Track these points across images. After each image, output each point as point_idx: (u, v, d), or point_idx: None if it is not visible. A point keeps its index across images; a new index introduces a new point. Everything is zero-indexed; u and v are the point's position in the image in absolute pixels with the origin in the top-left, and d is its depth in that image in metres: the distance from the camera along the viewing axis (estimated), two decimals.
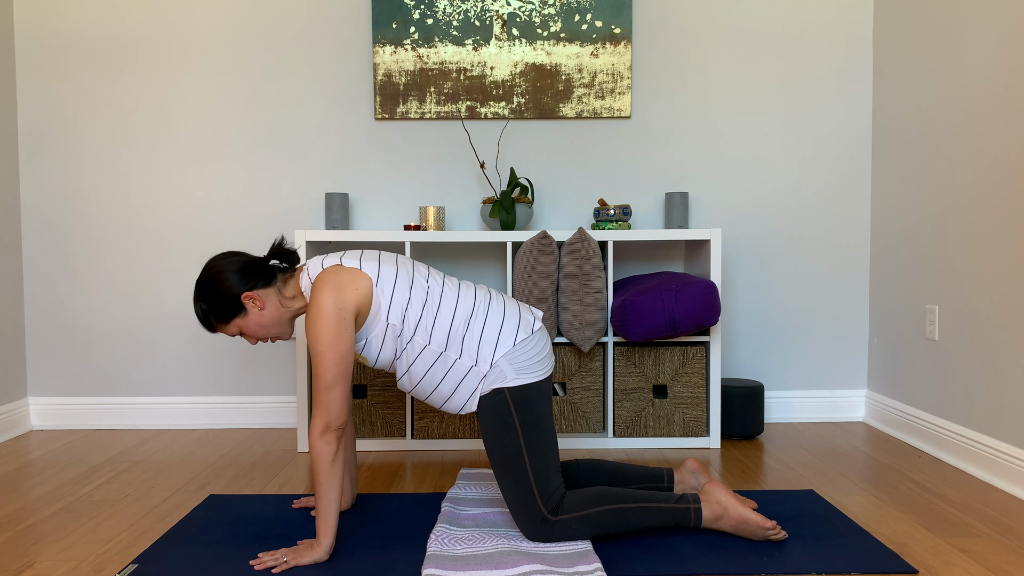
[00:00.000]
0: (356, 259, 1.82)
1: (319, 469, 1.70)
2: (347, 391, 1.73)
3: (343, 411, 1.72)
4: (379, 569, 1.68)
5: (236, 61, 3.05)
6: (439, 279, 1.88)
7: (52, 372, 3.09)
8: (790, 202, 3.10)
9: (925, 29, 2.70)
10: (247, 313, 1.82)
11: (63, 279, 3.08)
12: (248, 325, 1.83)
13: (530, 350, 1.83)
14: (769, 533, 1.79)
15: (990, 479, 2.31)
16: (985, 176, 2.36)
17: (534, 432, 1.79)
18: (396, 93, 3.03)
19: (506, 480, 1.79)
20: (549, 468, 1.78)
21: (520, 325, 1.85)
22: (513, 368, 1.80)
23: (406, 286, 1.81)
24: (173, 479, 2.38)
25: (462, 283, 1.90)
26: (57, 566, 1.72)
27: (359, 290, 1.76)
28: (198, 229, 3.08)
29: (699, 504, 1.80)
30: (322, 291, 1.73)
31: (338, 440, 1.71)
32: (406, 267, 1.86)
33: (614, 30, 3.03)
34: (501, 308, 1.86)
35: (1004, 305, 2.28)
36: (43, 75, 3.04)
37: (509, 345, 1.81)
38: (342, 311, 1.72)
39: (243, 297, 1.80)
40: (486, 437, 1.82)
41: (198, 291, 1.82)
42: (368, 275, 1.79)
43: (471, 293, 1.87)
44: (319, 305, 1.72)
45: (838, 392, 3.14)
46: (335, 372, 1.71)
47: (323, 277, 1.77)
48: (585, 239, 2.63)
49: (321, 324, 1.71)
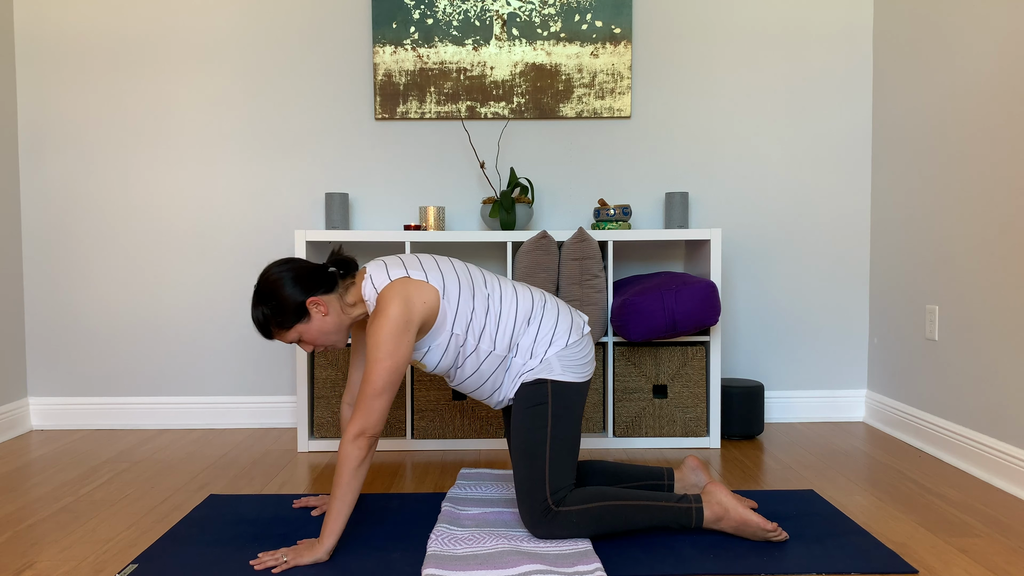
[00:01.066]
0: (420, 270, 1.83)
1: (343, 471, 1.70)
2: (390, 402, 1.74)
3: (382, 420, 1.73)
4: (379, 569, 1.68)
5: (236, 61, 3.05)
6: (496, 284, 1.92)
7: (52, 372, 3.09)
8: (790, 202, 3.10)
9: (925, 30, 2.70)
10: (310, 319, 1.82)
11: (63, 279, 3.08)
12: (310, 331, 1.83)
13: (579, 352, 1.89)
14: (770, 535, 1.79)
15: (990, 479, 2.31)
16: (985, 176, 2.36)
17: (562, 426, 1.83)
18: (396, 93, 3.03)
19: (522, 464, 1.81)
20: (565, 464, 1.81)
21: (572, 327, 1.90)
22: (561, 364, 1.85)
23: (469, 296, 1.85)
24: (173, 479, 2.38)
25: (516, 285, 1.94)
26: (57, 566, 1.72)
27: (427, 303, 1.78)
28: (198, 229, 3.08)
29: (700, 504, 1.80)
30: (391, 302, 1.74)
31: (369, 448, 1.71)
32: (467, 276, 1.88)
33: (614, 30, 3.03)
34: (555, 310, 1.92)
35: (1004, 305, 2.28)
36: (43, 75, 3.04)
37: (562, 345, 1.87)
38: (408, 324, 1.74)
39: (308, 302, 1.80)
40: (515, 419, 1.85)
41: (259, 296, 1.81)
42: (435, 287, 1.80)
43: (528, 294, 1.92)
44: (387, 314, 1.73)
45: (838, 392, 3.14)
46: (386, 382, 1.72)
47: (392, 288, 1.77)
48: (585, 239, 2.63)
49: (385, 333, 1.72)
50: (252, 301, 1.83)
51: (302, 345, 1.87)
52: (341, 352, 2.70)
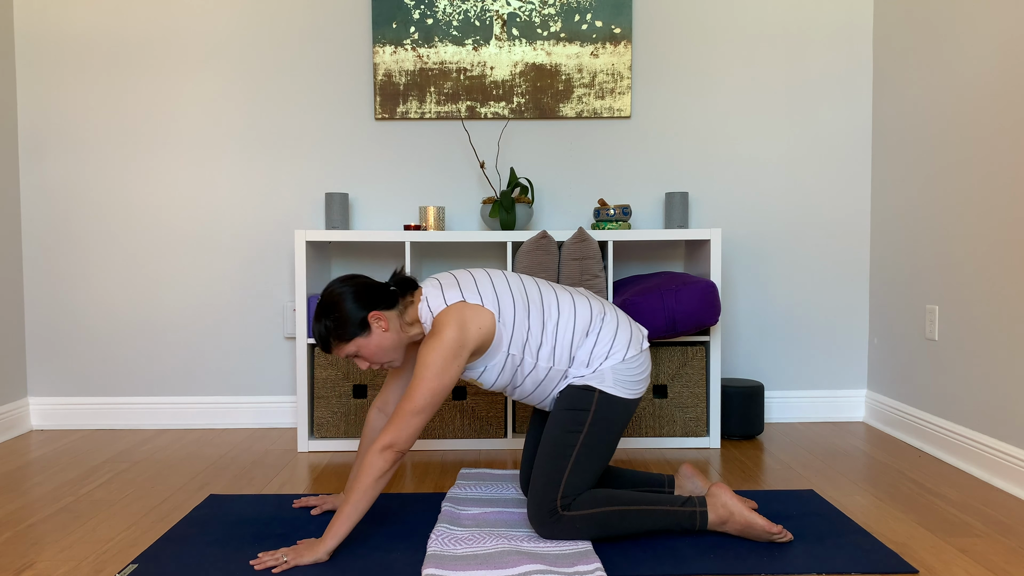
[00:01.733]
0: (476, 293, 1.83)
1: (362, 478, 1.70)
2: (426, 422, 1.75)
3: (413, 438, 1.73)
4: (379, 569, 1.68)
5: (236, 61, 3.05)
6: (553, 298, 1.90)
7: (52, 372, 3.09)
8: (790, 202, 3.10)
9: (925, 30, 2.70)
10: (370, 333, 1.82)
11: (63, 279, 3.08)
12: (368, 346, 1.82)
13: (635, 368, 1.87)
14: (775, 537, 1.79)
15: (990, 479, 2.31)
16: (985, 176, 2.36)
17: (596, 438, 1.82)
18: (396, 93, 3.03)
19: (545, 460, 1.81)
20: (586, 474, 1.81)
21: (631, 341, 1.89)
22: (614, 377, 1.85)
23: (525, 315, 1.85)
24: (173, 479, 2.38)
25: (575, 294, 1.93)
26: (57, 566, 1.72)
27: (482, 328, 1.79)
28: (198, 228, 3.08)
29: (704, 507, 1.80)
30: (448, 324, 1.75)
31: (394, 462, 1.71)
32: (522, 295, 1.88)
33: (614, 30, 3.03)
34: (615, 322, 1.90)
35: (1004, 305, 2.28)
36: (43, 76, 3.04)
37: (619, 359, 1.86)
38: (461, 349, 1.75)
39: (370, 316, 1.80)
40: (553, 417, 1.85)
41: (321, 310, 1.82)
42: (491, 311, 1.81)
43: (587, 305, 1.90)
44: (442, 337, 1.74)
45: (838, 392, 3.13)
46: (427, 401, 1.72)
47: (448, 312, 1.78)
48: (585, 239, 2.63)
49: (436, 353, 1.73)
50: (314, 315, 1.84)
51: (359, 361, 1.86)
52: None
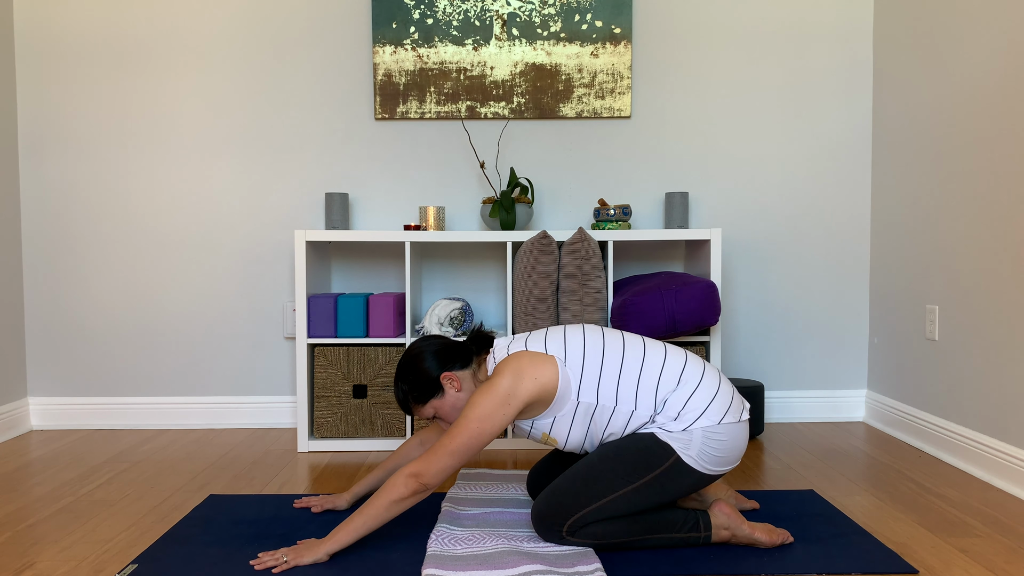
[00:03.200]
0: (541, 341, 1.81)
1: (381, 497, 1.69)
2: (461, 465, 1.72)
3: (441, 476, 1.70)
4: (379, 569, 1.68)
5: (236, 61, 3.05)
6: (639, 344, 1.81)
7: (52, 372, 3.09)
8: (790, 202, 3.10)
9: (925, 29, 2.70)
10: (444, 394, 1.82)
11: (63, 279, 3.08)
12: (444, 407, 1.82)
13: (729, 439, 1.75)
14: (777, 543, 1.79)
15: (990, 479, 2.31)
16: (985, 176, 2.36)
17: (647, 494, 1.73)
18: (396, 93, 3.03)
19: (579, 482, 1.74)
20: (611, 513, 1.74)
21: (731, 407, 1.77)
22: (702, 447, 1.73)
23: (596, 361, 1.77)
24: (173, 479, 2.38)
25: (671, 346, 1.85)
26: (57, 566, 1.72)
27: (539, 379, 1.73)
28: (198, 229, 3.08)
29: (709, 531, 1.77)
30: (502, 373, 1.73)
31: (415, 492, 1.69)
32: (594, 338, 1.81)
33: (614, 30, 3.03)
34: (715, 383, 1.79)
35: (1004, 305, 2.28)
36: (43, 76, 3.04)
37: (714, 421, 1.73)
38: (511, 397, 1.71)
39: (442, 378, 1.81)
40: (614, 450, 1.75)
41: (399, 373, 1.84)
42: (553, 356, 1.76)
43: (681, 357, 1.81)
44: (493, 384, 1.72)
45: (838, 392, 3.13)
46: (465, 443, 1.69)
47: (507, 361, 1.76)
48: (585, 239, 2.63)
49: (484, 397, 1.71)
50: (395, 377, 1.86)
51: (440, 423, 1.86)
52: (340, 352, 2.70)
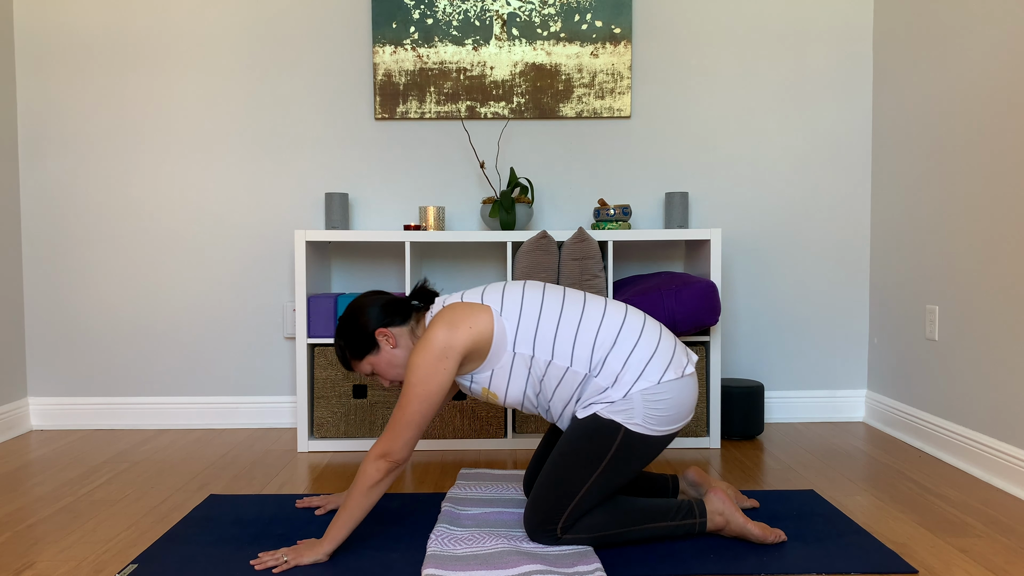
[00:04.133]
0: (478, 293, 1.78)
1: (357, 486, 1.69)
2: (420, 432, 1.69)
3: (407, 449, 1.68)
4: (379, 569, 1.68)
5: (236, 61, 3.05)
6: (578, 297, 1.79)
7: (52, 372, 3.09)
8: (790, 202, 3.10)
9: (925, 29, 2.70)
10: (380, 350, 1.81)
11: (63, 279, 3.08)
12: (380, 363, 1.82)
13: (673, 396, 1.70)
14: (770, 542, 1.79)
15: (990, 479, 2.31)
16: (985, 176, 2.36)
17: (612, 475, 1.72)
18: (396, 93, 3.03)
19: (551, 489, 1.73)
20: (593, 502, 1.73)
21: (672, 364, 1.72)
22: (644, 412, 1.69)
23: (534, 311, 1.73)
24: (173, 479, 2.38)
25: (612, 301, 1.81)
26: (57, 566, 1.72)
27: (474, 327, 1.70)
28: (198, 228, 3.08)
29: (704, 518, 1.78)
30: (434, 326, 1.70)
31: (388, 472, 1.68)
32: (534, 291, 1.78)
33: (614, 30, 3.03)
34: (655, 338, 1.74)
35: (1004, 305, 2.28)
36: (43, 75, 3.04)
37: (653, 380, 1.69)
38: (448, 349, 1.68)
39: (376, 333, 1.80)
40: (566, 444, 1.73)
41: (338, 328, 1.84)
42: (489, 306, 1.73)
43: (621, 312, 1.77)
44: (426, 338, 1.69)
45: (838, 392, 3.13)
46: (415, 409, 1.67)
47: (441, 313, 1.74)
48: (585, 239, 2.63)
49: (421, 357, 1.68)
50: (335, 332, 1.84)
51: (379, 378, 1.85)
52: None
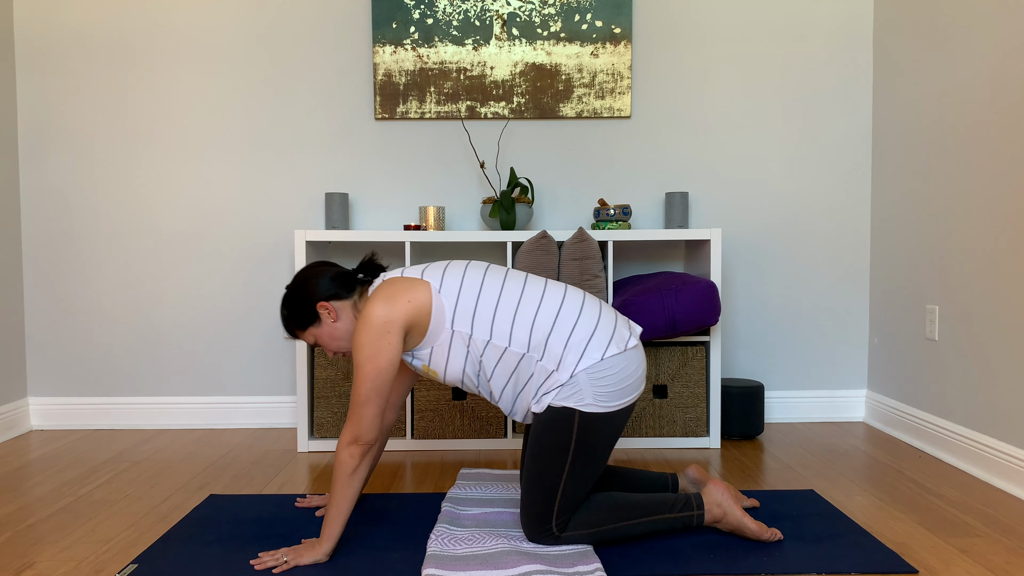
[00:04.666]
0: (419, 269, 1.79)
1: (338, 477, 1.69)
2: (380, 409, 1.69)
3: (373, 428, 1.68)
4: (379, 569, 1.68)
5: (236, 61, 3.05)
6: (519, 277, 1.78)
7: (52, 372, 3.09)
8: (790, 202, 3.10)
9: (925, 29, 2.70)
10: (321, 323, 1.82)
11: (63, 279, 3.08)
12: (322, 336, 1.83)
13: (617, 371, 1.70)
14: (765, 540, 1.80)
15: (990, 479, 2.31)
16: (985, 176, 2.36)
17: (585, 460, 1.71)
18: (396, 93, 3.03)
19: (533, 489, 1.74)
20: (579, 493, 1.74)
21: (613, 339, 1.71)
22: (593, 390, 1.68)
23: (473, 290, 1.72)
24: (173, 479, 2.38)
25: (552, 282, 1.80)
26: (57, 566, 1.72)
27: (412, 302, 1.70)
28: (198, 228, 3.08)
29: (702, 510, 1.79)
30: (372, 302, 1.70)
31: (363, 455, 1.68)
32: (475, 271, 1.77)
33: (614, 30, 3.03)
34: (595, 315, 1.73)
35: (1004, 305, 2.28)
36: (43, 75, 3.04)
37: (596, 358, 1.68)
38: (388, 324, 1.67)
39: (318, 306, 1.81)
40: (533, 444, 1.73)
41: (284, 298, 1.85)
42: (428, 282, 1.73)
43: (560, 292, 1.76)
44: (366, 315, 1.69)
45: (838, 392, 3.13)
46: (370, 387, 1.67)
47: (379, 288, 1.73)
48: (585, 239, 2.63)
49: (364, 335, 1.67)
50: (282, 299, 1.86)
51: (323, 348, 1.87)
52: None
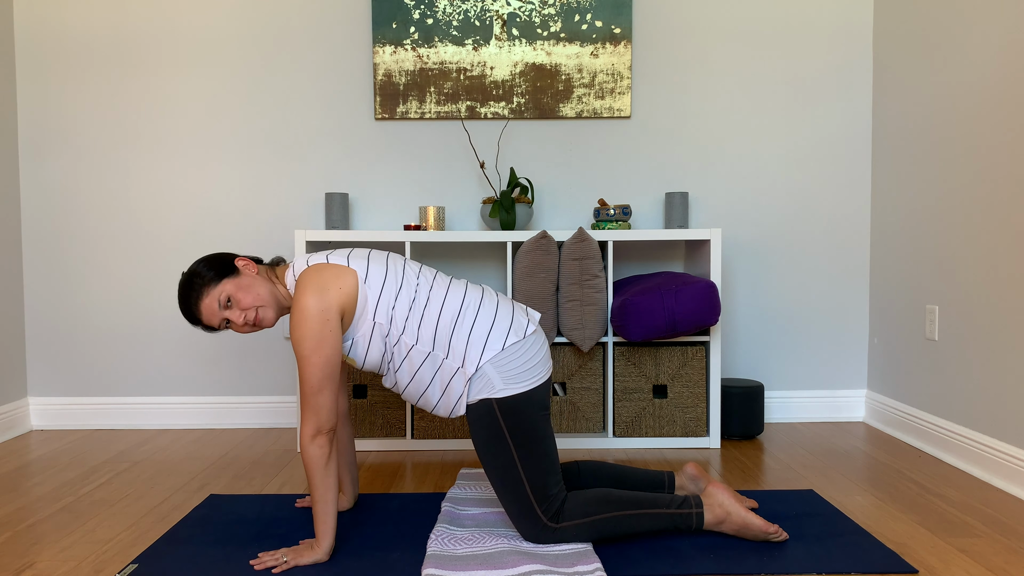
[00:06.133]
0: (344, 256, 1.78)
1: (313, 472, 1.68)
2: (335, 394, 1.69)
3: (332, 414, 1.68)
4: (379, 569, 1.68)
5: (236, 61, 3.05)
6: (429, 276, 1.82)
7: (52, 372, 3.09)
8: (790, 202, 3.10)
9: (925, 28, 2.70)
10: (239, 275, 1.76)
11: (63, 279, 3.08)
12: (239, 286, 1.74)
13: (520, 356, 1.74)
14: (771, 536, 1.79)
15: (990, 479, 2.31)
16: (985, 176, 2.36)
17: (527, 442, 1.73)
18: (396, 93, 3.03)
19: (502, 491, 1.75)
20: (547, 476, 1.75)
21: (512, 328, 1.76)
22: (501, 376, 1.72)
23: (394, 283, 1.75)
24: (173, 479, 2.38)
25: (455, 280, 1.85)
26: (57, 566, 1.73)
27: (343, 289, 1.70)
28: (198, 229, 3.08)
29: (701, 508, 1.80)
30: (305, 292, 1.68)
31: (330, 443, 1.68)
32: (396, 264, 1.80)
33: (614, 30, 3.03)
34: (493, 309, 1.79)
35: (1004, 305, 2.28)
36: (43, 75, 3.04)
37: (497, 349, 1.73)
38: (325, 312, 1.67)
39: (236, 260, 1.79)
40: (477, 447, 1.77)
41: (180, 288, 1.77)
42: (355, 270, 1.73)
43: (461, 290, 1.80)
44: (301, 307, 1.66)
45: (838, 392, 3.13)
46: (320, 376, 1.66)
47: (307, 275, 1.71)
48: (585, 239, 2.63)
49: (304, 327, 1.66)
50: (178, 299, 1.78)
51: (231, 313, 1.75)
52: None
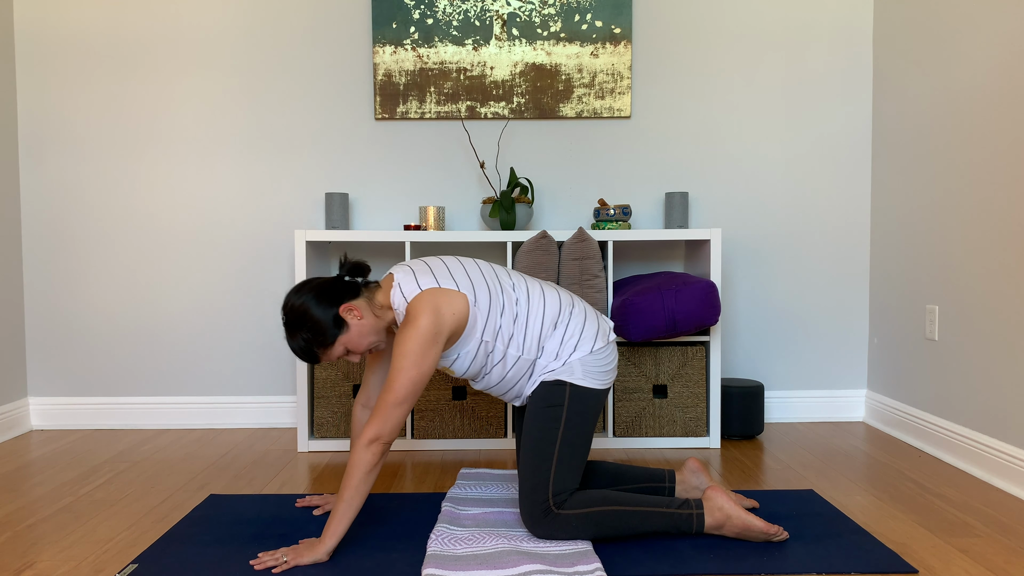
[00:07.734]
0: (450, 278, 1.83)
1: (354, 474, 1.70)
2: (409, 411, 1.76)
3: (398, 428, 1.74)
4: (379, 569, 1.68)
5: (236, 61, 3.05)
6: (524, 287, 1.92)
7: (52, 372, 3.09)
8: (790, 202, 3.10)
9: (925, 30, 2.70)
10: (348, 327, 1.82)
11: (63, 279, 3.08)
12: (351, 339, 1.83)
13: (603, 359, 1.89)
14: (772, 537, 1.79)
15: (990, 479, 2.31)
16: (985, 176, 2.36)
17: (575, 430, 1.84)
18: (396, 93, 3.03)
19: (529, 461, 1.82)
20: (572, 467, 1.82)
21: (599, 333, 1.91)
22: (583, 369, 1.86)
23: (499, 303, 1.86)
24: (173, 479, 2.38)
25: (544, 286, 1.95)
26: (57, 566, 1.73)
27: (455, 314, 1.78)
28: (198, 229, 3.08)
29: (701, 510, 1.80)
30: (423, 312, 1.75)
31: (382, 454, 1.72)
32: (495, 281, 1.89)
33: (614, 30, 3.03)
34: (583, 314, 1.92)
35: (1004, 305, 2.28)
36: (43, 76, 3.04)
37: (587, 351, 1.87)
38: (437, 336, 1.75)
39: (342, 310, 1.81)
40: (529, 416, 1.85)
41: (291, 326, 1.81)
42: (465, 295, 1.81)
43: (555, 297, 1.93)
44: (417, 325, 1.74)
45: (838, 392, 3.13)
46: (408, 391, 1.73)
47: (422, 298, 1.78)
48: (585, 239, 2.63)
49: (413, 342, 1.72)
50: (286, 334, 1.83)
51: (350, 357, 1.87)
52: None
